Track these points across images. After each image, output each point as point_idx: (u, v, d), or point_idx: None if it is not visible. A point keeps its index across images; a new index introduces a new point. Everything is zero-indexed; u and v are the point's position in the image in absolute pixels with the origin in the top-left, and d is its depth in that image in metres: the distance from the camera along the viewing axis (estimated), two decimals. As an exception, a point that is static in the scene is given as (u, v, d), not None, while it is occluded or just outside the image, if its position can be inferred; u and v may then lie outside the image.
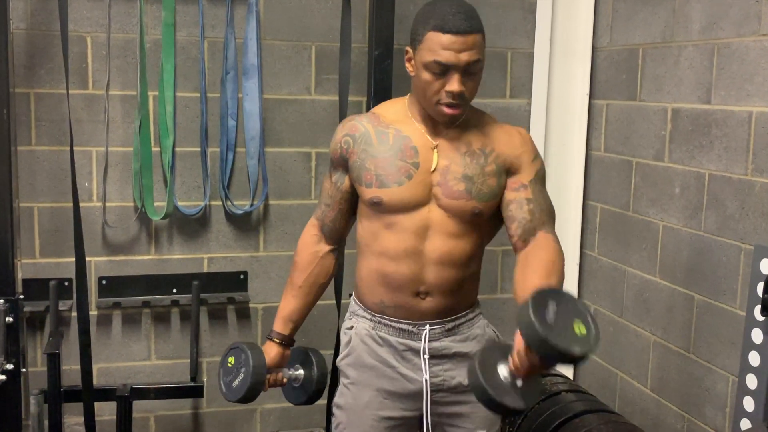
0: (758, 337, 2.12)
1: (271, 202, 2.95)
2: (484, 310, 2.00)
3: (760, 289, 2.10)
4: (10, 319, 2.38)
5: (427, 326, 1.87)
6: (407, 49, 1.81)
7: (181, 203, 2.83)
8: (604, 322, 2.99)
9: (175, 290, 2.87)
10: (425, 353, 1.87)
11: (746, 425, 2.14)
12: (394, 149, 1.83)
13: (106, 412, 2.77)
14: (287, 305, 2.03)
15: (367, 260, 1.91)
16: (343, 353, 1.97)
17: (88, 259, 2.64)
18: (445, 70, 1.73)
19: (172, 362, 2.92)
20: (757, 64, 2.24)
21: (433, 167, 1.82)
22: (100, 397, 2.68)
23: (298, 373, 2.09)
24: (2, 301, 2.38)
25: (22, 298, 2.49)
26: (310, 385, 2.09)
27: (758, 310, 2.10)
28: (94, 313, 2.80)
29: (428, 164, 1.82)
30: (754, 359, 2.13)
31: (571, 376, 3.10)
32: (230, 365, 2.00)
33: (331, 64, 2.91)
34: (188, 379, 2.85)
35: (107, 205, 2.79)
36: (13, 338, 2.40)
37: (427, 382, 1.87)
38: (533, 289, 1.56)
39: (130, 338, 2.88)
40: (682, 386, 2.56)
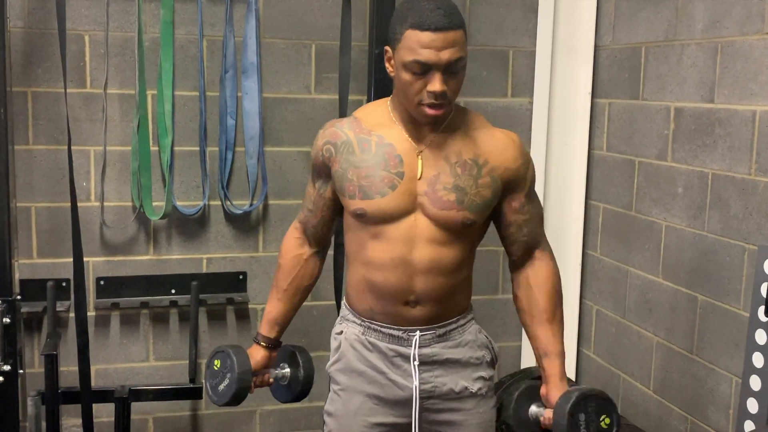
0: (762, 338, 2.10)
1: (270, 201, 2.93)
2: (484, 311, 1.99)
3: (764, 289, 2.08)
4: (7, 319, 2.37)
5: (417, 332, 1.84)
6: (386, 48, 1.75)
7: (179, 203, 2.82)
8: (606, 323, 2.97)
9: (173, 291, 2.85)
10: (415, 359, 1.83)
11: (750, 427, 2.13)
12: (377, 158, 1.78)
13: (104, 413, 2.76)
14: (273, 308, 2.01)
15: (355, 268, 1.88)
16: (332, 359, 1.94)
17: (86, 259, 2.63)
18: (425, 69, 1.65)
19: (170, 363, 2.91)
20: (760, 62, 2.22)
21: (418, 175, 1.77)
22: (98, 398, 2.66)
23: (284, 372, 2.08)
24: (-1, 301, 2.37)
25: (19, 298, 2.47)
26: (296, 384, 2.07)
27: (762, 310, 2.09)
28: (92, 313, 2.79)
29: (413, 172, 1.77)
30: (757, 360, 2.11)
31: (573, 377, 3.08)
32: (216, 368, 1.99)
33: (331, 62, 2.89)
34: (187, 380, 2.83)
35: (105, 204, 2.78)
36: (10, 339, 2.38)
37: (416, 388, 1.83)
38: (547, 344, 1.83)
39: (128, 339, 2.87)
40: (685, 388, 2.55)
